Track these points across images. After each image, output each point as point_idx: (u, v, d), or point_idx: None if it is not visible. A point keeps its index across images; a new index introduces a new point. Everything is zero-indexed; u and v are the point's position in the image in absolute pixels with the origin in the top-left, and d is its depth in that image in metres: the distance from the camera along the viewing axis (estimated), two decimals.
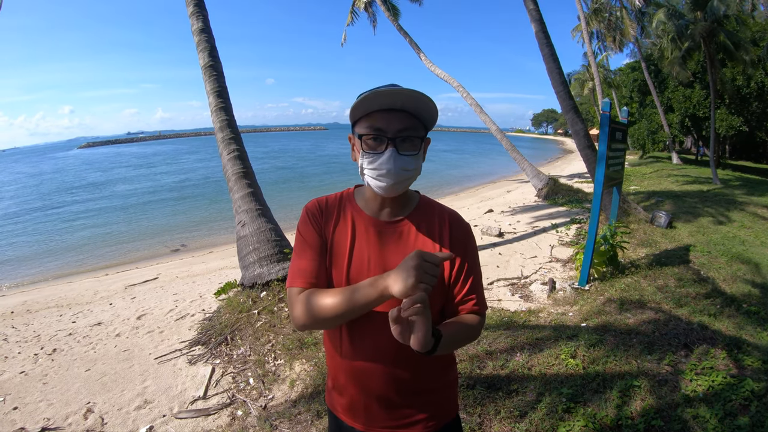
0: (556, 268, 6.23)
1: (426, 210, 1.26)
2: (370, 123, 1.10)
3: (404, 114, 1.10)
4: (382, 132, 1.09)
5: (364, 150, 1.13)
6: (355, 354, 1.21)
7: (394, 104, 1.08)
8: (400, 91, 1.04)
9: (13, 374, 4.23)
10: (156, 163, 46.17)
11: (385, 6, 16.90)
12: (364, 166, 1.13)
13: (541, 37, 8.44)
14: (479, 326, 1.22)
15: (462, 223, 1.25)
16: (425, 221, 1.23)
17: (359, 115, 1.13)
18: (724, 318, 4.00)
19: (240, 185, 5.80)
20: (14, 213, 19.47)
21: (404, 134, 1.10)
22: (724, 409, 2.60)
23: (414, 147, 1.12)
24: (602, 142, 5.25)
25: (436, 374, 1.26)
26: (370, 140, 1.11)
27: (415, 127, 1.12)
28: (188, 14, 6.50)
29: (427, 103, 1.08)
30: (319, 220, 1.24)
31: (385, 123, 1.09)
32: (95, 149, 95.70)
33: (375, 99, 1.07)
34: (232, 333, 4.48)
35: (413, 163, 1.12)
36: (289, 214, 13.66)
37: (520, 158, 13.78)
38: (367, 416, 1.25)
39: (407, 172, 1.12)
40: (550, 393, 2.94)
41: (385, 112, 1.09)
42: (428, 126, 1.16)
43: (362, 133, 1.12)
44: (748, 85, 21.24)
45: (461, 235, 1.24)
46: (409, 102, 1.07)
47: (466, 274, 1.22)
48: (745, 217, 8.82)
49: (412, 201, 1.27)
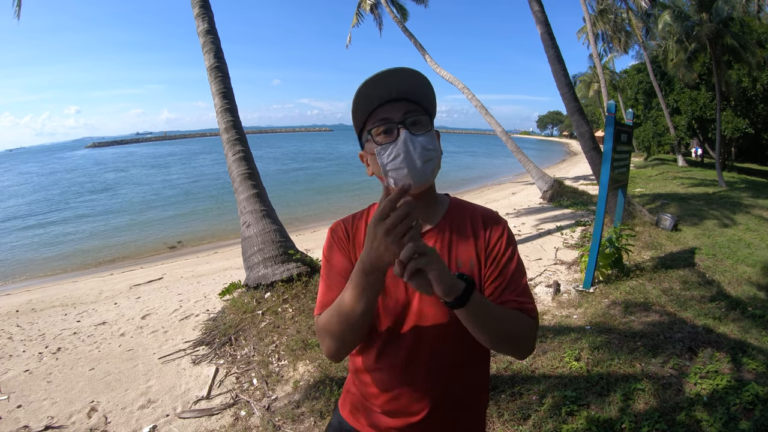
0: (560, 270, 6.21)
1: (457, 214, 1.15)
2: (375, 117, 1.07)
3: (403, 101, 1.07)
4: (389, 120, 1.05)
5: (378, 143, 1.06)
6: (385, 370, 1.13)
7: (390, 94, 1.05)
8: (388, 73, 1.00)
9: (18, 372, 4.25)
10: (171, 163, 46.54)
11: (391, 8, 16.91)
12: (385, 161, 1.04)
13: (547, 39, 8.42)
14: (529, 324, 1.05)
15: (498, 222, 1.14)
16: (456, 227, 1.13)
17: (363, 118, 1.10)
18: (729, 321, 3.98)
19: (245, 186, 5.82)
20: (30, 212, 19.64)
21: (411, 117, 1.05)
22: (728, 413, 2.59)
23: (425, 127, 1.07)
24: (607, 143, 5.24)
25: (469, 394, 1.16)
26: (380, 133, 1.06)
27: (418, 111, 1.07)
28: (194, 15, 6.53)
29: (421, 80, 1.04)
30: (345, 243, 1.16)
31: (388, 112, 1.06)
32: (103, 149, 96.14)
33: (368, 91, 1.03)
34: (236, 333, 4.49)
35: (432, 143, 1.06)
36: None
37: (525, 160, 13.75)
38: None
39: (429, 151, 1.05)
40: (554, 395, 2.94)
41: (385, 105, 1.07)
42: (430, 112, 1.11)
43: (371, 128, 1.08)
44: (754, 87, 21.09)
45: (497, 233, 1.11)
46: (403, 86, 1.04)
47: (503, 274, 1.08)
48: (750, 220, 8.76)
49: (440, 206, 1.17)
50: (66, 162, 59.87)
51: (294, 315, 4.64)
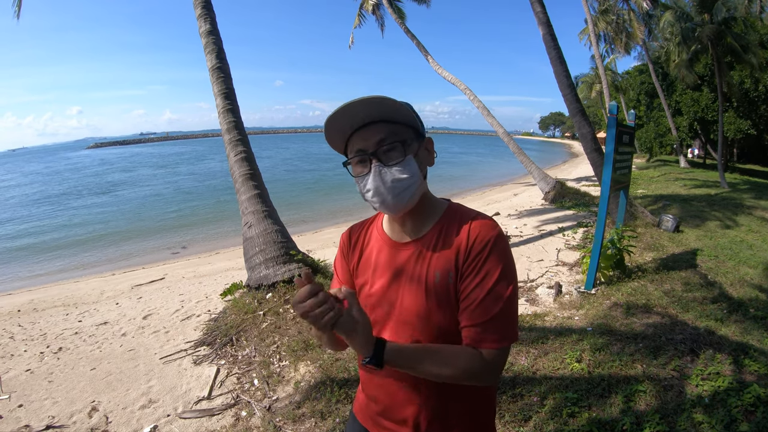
0: (562, 271, 6.21)
1: (447, 222, 1.11)
2: (351, 147, 1.07)
3: (378, 124, 1.04)
4: (363, 151, 1.05)
5: (354, 176, 1.09)
6: (384, 377, 1.15)
7: (362, 120, 1.03)
8: (352, 104, 0.98)
9: (19, 372, 4.26)
10: (179, 162, 46.61)
11: (392, 9, 16.93)
12: (362, 192, 1.08)
13: (549, 40, 8.42)
14: (480, 363, 1.00)
15: (487, 230, 1.05)
16: (443, 237, 1.09)
17: (341, 145, 1.11)
18: (730, 323, 3.97)
19: (247, 187, 5.82)
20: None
21: (385, 144, 1.03)
22: (730, 414, 2.59)
23: (400, 154, 1.04)
24: (609, 145, 5.23)
25: (466, 401, 1.14)
26: (357, 165, 1.08)
27: (394, 132, 1.04)
28: (196, 16, 6.54)
29: (388, 104, 1.01)
30: (347, 251, 1.23)
31: (362, 141, 1.05)
32: (107, 150, 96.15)
33: (338, 123, 1.03)
34: (238, 334, 4.50)
35: (406, 171, 1.04)
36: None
37: (527, 161, 13.74)
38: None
39: (402, 181, 1.03)
40: (555, 397, 2.93)
41: (359, 131, 1.05)
42: (411, 124, 1.09)
43: (350, 157, 1.09)
44: (756, 88, 21.08)
45: (480, 246, 1.03)
46: (372, 111, 1.02)
47: (472, 295, 1.02)
48: (752, 222, 8.74)
49: (436, 212, 1.15)
50: (71, 162, 59.93)
51: (295, 316, 4.64)
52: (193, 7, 6.56)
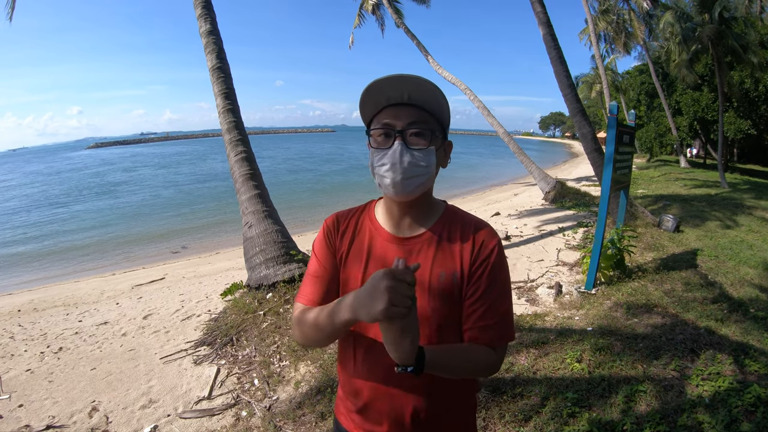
0: (562, 271, 6.21)
1: (449, 221, 1.14)
2: (379, 119, 1.07)
3: (413, 108, 1.05)
4: (391, 126, 1.04)
5: (372, 147, 1.07)
6: (368, 376, 1.14)
7: (401, 97, 1.04)
8: (402, 78, 0.99)
9: (19, 372, 4.26)
10: (181, 162, 46.39)
11: (392, 9, 16.93)
12: (374, 164, 1.06)
13: (549, 40, 8.42)
14: (492, 359, 1.07)
15: (490, 237, 1.11)
16: (446, 234, 1.12)
17: (370, 114, 1.10)
18: (731, 323, 3.97)
19: (247, 187, 5.82)
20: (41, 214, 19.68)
21: (414, 127, 1.04)
22: (730, 415, 2.59)
23: (425, 141, 1.05)
24: (610, 145, 5.23)
25: (453, 401, 1.16)
26: (379, 136, 1.06)
27: (426, 121, 1.05)
28: (196, 16, 6.54)
29: (434, 92, 1.02)
30: (333, 237, 1.19)
31: (393, 117, 1.04)
32: (108, 150, 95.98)
33: (380, 90, 1.03)
34: (238, 334, 4.50)
35: (425, 159, 1.04)
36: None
37: (528, 161, 13.73)
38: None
39: (417, 167, 1.03)
40: (555, 397, 2.93)
41: (394, 107, 1.05)
42: (442, 121, 1.10)
43: (371, 129, 1.08)
44: (756, 89, 21.09)
45: (486, 251, 1.09)
46: (416, 93, 1.02)
47: (483, 297, 1.07)
48: (753, 222, 8.74)
49: (435, 211, 1.16)
50: (72, 162, 59.85)
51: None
52: (194, 7, 6.56)
